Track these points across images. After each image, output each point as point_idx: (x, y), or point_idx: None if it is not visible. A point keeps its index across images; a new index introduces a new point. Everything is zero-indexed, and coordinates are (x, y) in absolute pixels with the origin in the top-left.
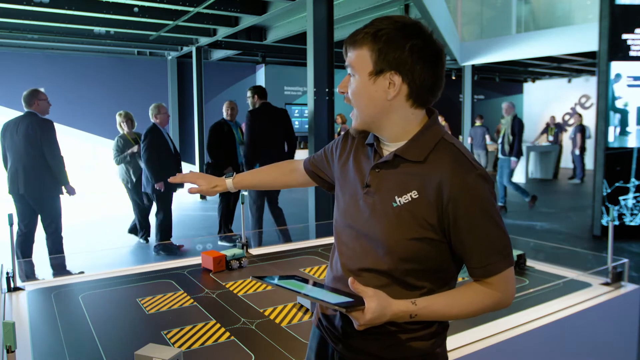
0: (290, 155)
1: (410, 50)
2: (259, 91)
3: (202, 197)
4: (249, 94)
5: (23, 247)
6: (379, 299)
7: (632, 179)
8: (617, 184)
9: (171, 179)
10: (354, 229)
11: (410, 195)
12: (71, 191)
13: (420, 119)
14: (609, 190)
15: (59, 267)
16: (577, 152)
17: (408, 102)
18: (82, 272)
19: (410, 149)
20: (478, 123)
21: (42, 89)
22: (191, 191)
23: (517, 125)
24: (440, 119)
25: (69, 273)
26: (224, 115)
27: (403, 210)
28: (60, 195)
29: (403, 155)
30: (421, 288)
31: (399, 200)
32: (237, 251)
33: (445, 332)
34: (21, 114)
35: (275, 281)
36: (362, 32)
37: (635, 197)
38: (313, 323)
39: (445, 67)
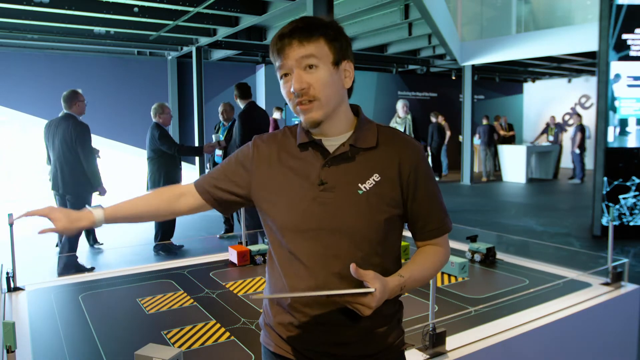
0: None
1: (348, 42)
2: (240, 92)
3: None
4: (235, 92)
5: (65, 242)
6: (380, 281)
7: (633, 177)
8: (615, 183)
9: (20, 215)
10: (315, 231)
11: (373, 179)
12: (102, 192)
13: (350, 110)
14: (608, 189)
15: (69, 264)
16: (577, 150)
17: (347, 92)
18: (93, 268)
19: (361, 137)
20: (485, 122)
21: (79, 90)
22: (42, 232)
23: (416, 125)
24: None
25: (81, 269)
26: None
27: (370, 195)
28: (94, 194)
29: (357, 144)
30: (379, 265)
31: (364, 187)
32: (262, 246)
33: (402, 310)
34: (58, 114)
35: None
36: (307, 27)
37: (635, 196)
38: (271, 350)
39: None
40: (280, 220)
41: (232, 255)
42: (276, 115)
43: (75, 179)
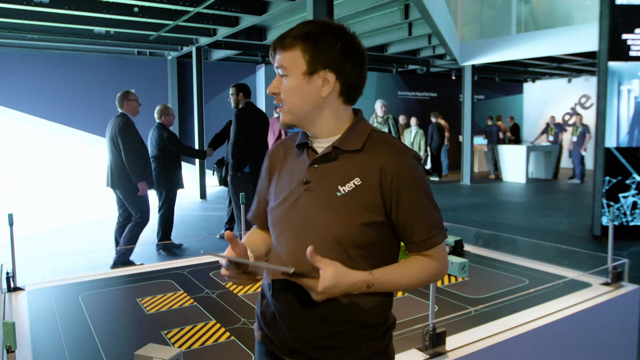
0: None
1: (341, 50)
2: (244, 89)
3: (202, 196)
4: (232, 91)
5: (116, 235)
6: (335, 267)
7: (633, 175)
8: (614, 181)
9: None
10: (294, 230)
11: (354, 183)
12: (141, 190)
13: (349, 115)
14: (607, 187)
15: (121, 258)
16: (584, 152)
17: (340, 98)
18: (142, 264)
19: (346, 140)
20: (490, 122)
21: (132, 90)
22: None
23: (395, 126)
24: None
25: (131, 263)
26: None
27: (348, 198)
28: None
29: (341, 146)
30: (354, 269)
31: (343, 189)
32: None
33: (394, 327)
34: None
35: (221, 253)
36: (290, 35)
37: (634, 196)
38: (256, 339)
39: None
40: (272, 215)
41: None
42: (276, 114)
43: (121, 175)
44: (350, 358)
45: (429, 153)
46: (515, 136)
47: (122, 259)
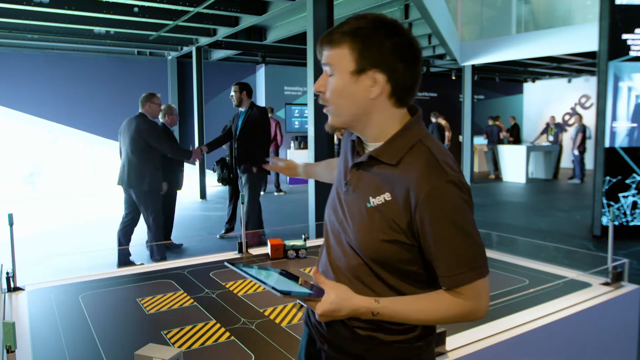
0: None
1: (392, 48)
2: (247, 88)
3: (202, 196)
4: (235, 89)
5: (120, 235)
6: (338, 291)
7: (634, 175)
8: (614, 180)
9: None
10: (336, 225)
11: (384, 197)
12: (195, 157)
13: (401, 118)
14: (606, 187)
15: (123, 258)
16: (576, 152)
17: (390, 100)
18: (142, 264)
19: (385, 151)
20: (490, 122)
21: (158, 94)
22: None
23: None
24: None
25: (131, 263)
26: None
27: (376, 212)
28: (161, 193)
29: (377, 156)
30: (397, 290)
31: (373, 201)
32: (298, 242)
33: (431, 337)
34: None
35: (240, 267)
36: (339, 31)
37: (634, 195)
38: (303, 320)
39: (422, 66)
40: (326, 206)
41: (269, 248)
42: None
43: (139, 179)
44: (373, 357)
45: None
46: (514, 137)
47: (160, 257)
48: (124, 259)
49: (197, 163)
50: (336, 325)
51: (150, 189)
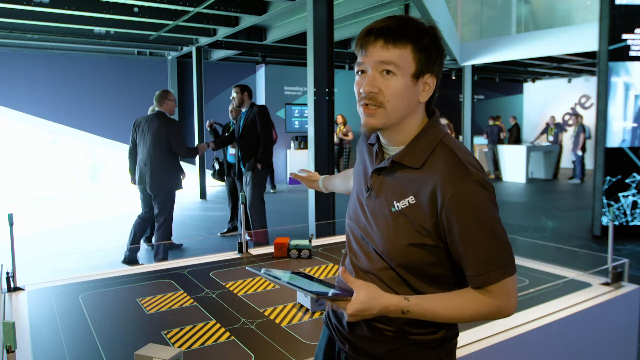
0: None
1: (439, 52)
2: (248, 89)
3: (202, 196)
4: (236, 90)
5: (136, 229)
6: (367, 290)
7: (634, 174)
8: (614, 179)
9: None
10: (359, 231)
11: (408, 201)
12: (205, 147)
13: (423, 120)
14: (606, 186)
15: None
16: (580, 152)
17: (424, 105)
18: (142, 264)
19: (407, 154)
20: (491, 122)
21: (171, 90)
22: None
23: None
24: (444, 120)
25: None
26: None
27: (401, 216)
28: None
29: (400, 161)
30: (423, 293)
31: (397, 206)
32: (302, 242)
33: (453, 341)
34: (149, 112)
35: (262, 271)
36: (398, 30)
37: (634, 195)
38: (323, 321)
39: None
40: (348, 207)
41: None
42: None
43: (161, 175)
44: (394, 359)
45: None
46: (514, 137)
47: (162, 257)
48: (132, 255)
49: (197, 163)
50: (358, 326)
51: (171, 188)
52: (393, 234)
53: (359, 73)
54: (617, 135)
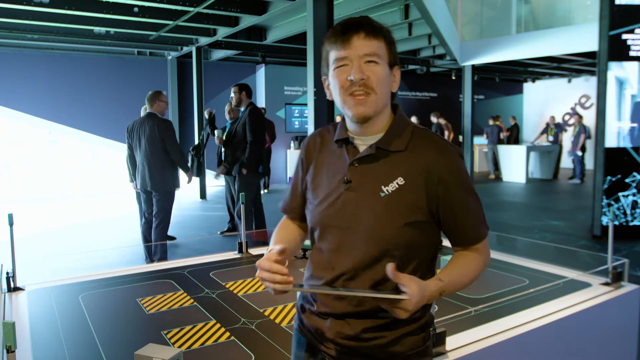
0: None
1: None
2: (247, 89)
3: (202, 196)
4: (235, 89)
5: (146, 234)
6: (416, 282)
7: (634, 174)
8: (614, 179)
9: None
10: (337, 230)
11: (397, 183)
12: (190, 177)
13: (390, 111)
14: (605, 185)
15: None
16: (580, 153)
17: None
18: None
19: (389, 140)
20: (491, 122)
21: (164, 92)
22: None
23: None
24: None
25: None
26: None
27: (391, 198)
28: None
29: (385, 147)
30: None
31: (386, 189)
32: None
33: (431, 325)
34: (142, 115)
35: (315, 287)
36: (373, 24)
37: (634, 195)
38: (295, 330)
39: None
40: (313, 214)
41: None
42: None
43: (162, 176)
44: (384, 353)
45: None
46: (514, 136)
47: (162, 257)
48: (152, 255)
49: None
50: (346, 326)
51: (171, 189)
52: (386, 217)
53: (338, 67)
54: (617, 134)
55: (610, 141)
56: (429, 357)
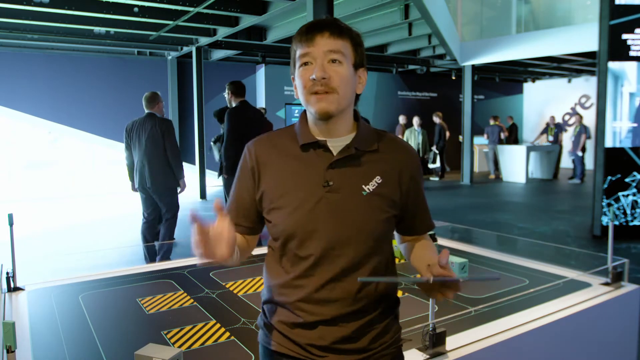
0: None
1: (364, 52)
2: (235, 87)
3: (202, 196)
4: (226, 89)
5: (146, 234)
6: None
7: (634, 173)
8: (613, 179)
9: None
10: (321, 232)
11: (376, 181)
12: (183, 186)
13: (352, 114)
14: (605, 185)
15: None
16: (580, 153)
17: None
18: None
19: (363, 140)
20: (492, 122)
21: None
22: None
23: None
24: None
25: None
26: None
27: (373, 196)
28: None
29: (362, 147)
30: (378, 263)
31: (367, 188)
32: None
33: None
34: (142, 115)
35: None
36: (339, 25)
37: (634, 194)
38: (271, 349)
39: None
40: (285, 223)
41: None
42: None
43: (162, 175)
44: (371, 344)
45: (436, 152)
46: (512, 136)
47: (166, 255)
48: (151, 255)
49: (197, 163)
50: (337, 331)
51: (173, 185)
52: (370, 213)
53: (302, 66)
54: (617, 134)
55: (611, 141)
56: (402, 340)
